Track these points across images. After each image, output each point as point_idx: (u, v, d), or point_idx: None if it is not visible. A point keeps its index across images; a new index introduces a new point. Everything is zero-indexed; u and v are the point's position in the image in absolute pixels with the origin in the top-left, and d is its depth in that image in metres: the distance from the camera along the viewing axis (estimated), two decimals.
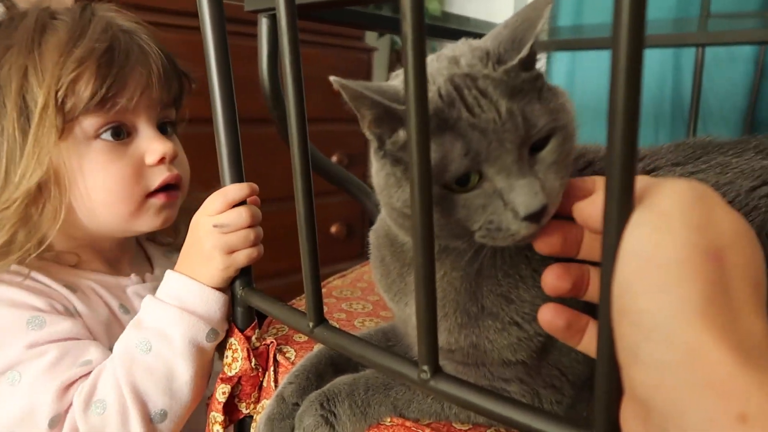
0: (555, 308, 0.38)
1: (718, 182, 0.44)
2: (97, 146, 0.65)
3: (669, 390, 0.25)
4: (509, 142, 0.36)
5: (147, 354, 0.59)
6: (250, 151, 0.69)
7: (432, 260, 0.34)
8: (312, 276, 0.45)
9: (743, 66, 1.58)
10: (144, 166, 0.68)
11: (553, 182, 0.37)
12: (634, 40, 0.24)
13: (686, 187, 0.28)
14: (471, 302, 0.44)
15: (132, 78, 0.66)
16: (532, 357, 0.44)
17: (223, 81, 0.52)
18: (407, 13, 0.28)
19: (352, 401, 0.51)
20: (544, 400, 0.47)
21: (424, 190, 0.32)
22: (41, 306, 0.62)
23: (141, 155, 0.67)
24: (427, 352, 0.37)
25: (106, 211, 0.67)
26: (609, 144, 0.25)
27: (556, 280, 0.38)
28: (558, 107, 0.38)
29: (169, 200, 0.70)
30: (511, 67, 0.37)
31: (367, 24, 1.06)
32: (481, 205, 0.37)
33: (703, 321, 0.25)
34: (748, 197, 0.43)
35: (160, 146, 0.68)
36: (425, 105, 0.30)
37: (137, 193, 0.68)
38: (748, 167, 0.45)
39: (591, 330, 0.38)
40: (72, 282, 0.68)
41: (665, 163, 0.47)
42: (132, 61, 0.66)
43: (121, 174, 0.66)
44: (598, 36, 1.36)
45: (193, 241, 0.62)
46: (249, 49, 0.90)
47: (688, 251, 0.26)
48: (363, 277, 0.85)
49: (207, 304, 0.60)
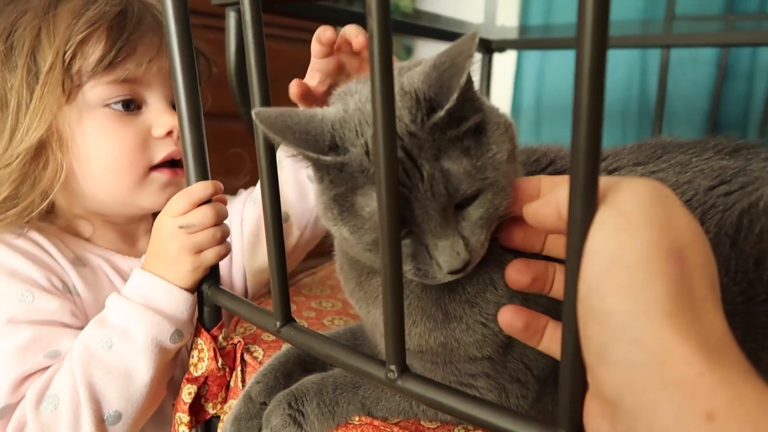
0: (514, 309, 0.39)
1: (678, 181, 0.45)
2: (103, 113, 0.65)
3: (638, 390, 0.25)
4: (432, 209, 0.36)
5: (107, 352, 0.57)
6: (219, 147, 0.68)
7: (399, 260, 0.34)
8: (279, 275, 0.45)
9: (706, 68, 1.62)
10: (150, 138, 0.67)
11: (479, 237, 0.38)
12: (598, 41, 0.24)
13: (646, 187, 0.28)
14: (435, 308, 0.44)
15: (142, 44, 0.65)
16: (498, 352, 0.45)
17: (187, 75, 0.51)
18: (373, 10, 0.28)
19: (320, 400, 0.50)
20: (510, 395, 0.47)
21: (390, 194, 0.32)
22: (38, 279, 0.61)
23: (148, 126, 0.67)
24: (394, 352, 0.37)
25: (107, 180, 0.66)
26: (573, 144, 0.25)
27: (516, 274, 0.39)
28: (487, 164, 0.37)
29: (173, 176, 0.69)
30: (439, 121, 0.36)
31: (336, 19, 1.05)
32: (410, 253, 0.38)
33: (669, 321, 0.25)
34: (706, 196, 0.44)
35: (168, 119, 0.67)
36: (392, 109, 0.30)
37: (140, 164, 0.67)
38: (707, 167, 0.46)
39: (550, 330, 0.39)
40: (82, 256, 0.68)
41: (627, 163, 0.48)
42: (144, 28, 0.65)
43: (125, 142, 0.65)
44: (566, 36, 1.38)
45: (158, 243, 0.60)
46: (216, 42, 0.89)
47: (651, 251, 0.26)
48: (332, 275, 0.84)
49: (174, 304, 0.59)
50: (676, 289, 0.26)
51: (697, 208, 0.44)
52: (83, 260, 0.67)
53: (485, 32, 1.37)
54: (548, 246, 0.41)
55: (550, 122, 1.94)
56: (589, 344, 0.27)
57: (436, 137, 0.36)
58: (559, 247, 0.41)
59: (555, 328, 0.39)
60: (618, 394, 0.26)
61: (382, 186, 0.32)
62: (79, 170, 0.65)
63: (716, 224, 0.43)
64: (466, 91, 0.36)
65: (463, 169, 0.36)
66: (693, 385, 0.24)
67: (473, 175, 0.36)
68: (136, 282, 0.60)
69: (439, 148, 0.36)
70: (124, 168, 0.66)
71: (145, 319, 0.57)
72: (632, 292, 0.26)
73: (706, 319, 0.26)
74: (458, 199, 0.37)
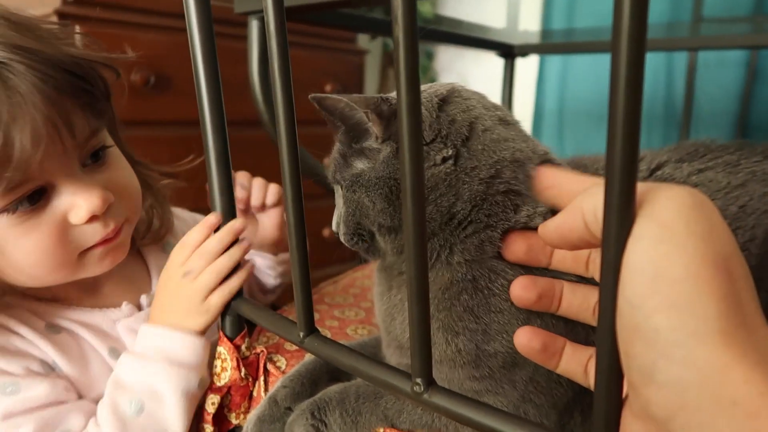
0: (531, 331, 0.38)
1: (730, 183, 0.43)
2: (3, 223, 0.52)
3: (692, 410, 0.24)
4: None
5: (139, 416, 0.55)
6: (242, 154, 0.68)
7: (425, 273, 0.33)
8: (302, 285, 0.44)
9: (735, 70, 1.59)
10: (70, 227, 0.55)
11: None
12: (635, 46, 0.23)
13: (684, 194, 0.27)
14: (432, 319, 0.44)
15: (22, 134, 0.48)
16: (500, 370, 0.43)
17: (211, 84, 0.51)
18: (399, 18, 0.27)
19: (343, 410, 0.50)
20: (527, 414, 0.45)
21: (417, 202, 0.31)
22: (15, 371, 0.55)
23: (62, 215, 0.54)
24: (420, 364, 0.36)
25: (39, 279, 0.57)
26: (608, 153, 0.24)
27: (521, 291, 0.38)
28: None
29: (111, 243, 0.59)
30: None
31: (358, 26, 1.04)
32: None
33: (723, 339, 0.24)
34: (760, 202, 0.42)
35: (84, 203, 0.53)
36: (418, 113, 0.29)
37: (68, 257, 0.56)
38: (759, 169, 0.43)
39: (568, 352, 0.38)
40: (53, 322, 0.60)
41: (669, 159, 0.45)
42: (17, 113, 0.47)
43: (39, 246, 0.53)
44: (589, 40, 1.36)
45: (164, 296, 0.58)
46: (239, 51, 0.89)
47: (698, 264, 0.25)
48: (355, 282, 0.84)
49: (194, 354, 0.57)
50: (727, 304, 0.24)
51: (751, 215, 0.41)
52: (56, 326, 0.60)
53: (507, 37, 1.36)
54: (555, 261, 0.39)
55: (573, 126, 1.92)
56: (633, 363, 0.26)
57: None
58: (566, 261, 0.39)
59: (573, 349, 0.38)
60: (669, 413, 0.25)
61: (407, 199, 0.31)
62: (8, 275, 0.56)
63: (764, 230, 0.41)
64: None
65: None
66: (755, 405, 0.23)
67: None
68: (150, 337, 0.57)
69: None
70: (51, 268, 0.55)
71: (170, 374, 0.55)
72: (680, 308, 0.24)
73: (759, 335, 0.25)
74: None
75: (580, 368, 0.37)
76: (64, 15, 1.23)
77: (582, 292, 0.39)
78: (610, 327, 0.26)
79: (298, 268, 0.44)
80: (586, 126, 1.88)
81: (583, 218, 0.30)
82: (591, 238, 0.30)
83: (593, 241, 0.30)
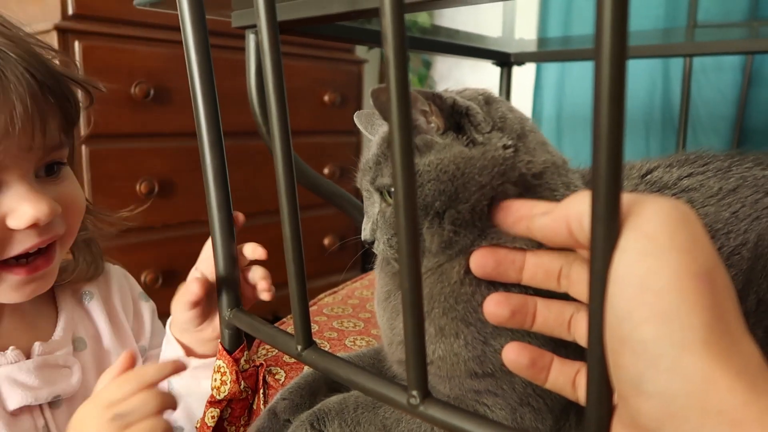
0: (519, 346, 0.38)
1: (722, 188, 0.43)
2: None
3: (680, 420, 0.24)
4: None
5: None
6: (240, 165, 0.68)
7: (419, 285, 0.33)
8: (299, 298, 0.45)
9: (731, 75, 1.59)
10: (4, 229, 0.51)
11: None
12: (616, 51, 0.23)
13: (669, 207, 0.27)
14: (427, 323, 0.43)
15: None
16: (501, 370, 0.43)
17: (207, 97, 0.51)
18: (389, 36, 0.28)
19: (342, 420, 0.50)
20: (524, 418, 0.45)
21: (410, 213, 0.31)
22: None
23: (1, 215, 0.51)
24: (415, 376, 0.36)
25: None
26: (594, 165, 0.25)
27: (494, 307, 0.38)
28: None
29: (29, 275, 0.54)
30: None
31: (353, 39, 1.05)
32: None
33: (708, 349, 0.24)
34: (752, 208, 0.42)
35: (32, 209, 0.51)
36: (409, 127, 0.30)
37: None
38: (750, 175, 0.44)
39: (556, 367, 0.38)
40: None
41: (659, 164, 0.46)
42: None
43: None
44: (585, 47, 1.37)
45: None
46: (239, 62, 0.90)
47: (682, 276, 0.25)
48: (354, 293, 0.84)
49: None
50: (711, 315, 0.25)
51: (743, 220, 0.42)
52: None
53: (504, 45, 1.37)
54: (526, 277, 0.39)
55: (571, 134, 1.92)
56: (622, 374, 0.26)
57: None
58: (537, 277, 0.38)
59: (560, 365, 0.38)
60: (658, 423, 0.25)
61: (401, 213, 0.31)
62: None
63: (757, 234, 0.41)
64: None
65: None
66: (739, 413, 0.23)
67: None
68: None
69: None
70: None
71: None
72: (666, 319, 0.25)
73: (742, 344, 0.25)
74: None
75: (568, 383, 0.38)
76: (64, 30, 1.24)
77: (557, 308, 0.38)
78: (599, 338, 0.26)
79: (294, 281, 0.44)
80: (584, 133, 1.88)
81: (567, 225, 0.30)
82: (575, 243, 0.31)
83: (578, 245, 0.31)
